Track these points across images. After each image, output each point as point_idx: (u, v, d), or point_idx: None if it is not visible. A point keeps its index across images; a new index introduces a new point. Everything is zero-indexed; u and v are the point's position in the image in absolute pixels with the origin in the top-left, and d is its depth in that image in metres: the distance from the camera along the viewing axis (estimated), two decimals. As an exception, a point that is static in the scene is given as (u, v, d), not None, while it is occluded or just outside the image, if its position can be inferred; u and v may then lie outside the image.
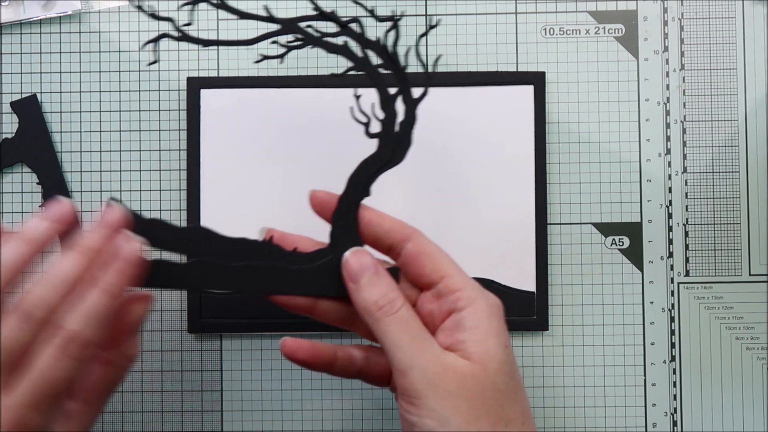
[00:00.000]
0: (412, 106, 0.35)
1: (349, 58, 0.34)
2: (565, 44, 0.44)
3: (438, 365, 0.31)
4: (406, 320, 0.32)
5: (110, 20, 0.44)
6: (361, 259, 0.34)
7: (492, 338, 0.31)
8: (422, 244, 0.34)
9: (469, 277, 0.33)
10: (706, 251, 0.44)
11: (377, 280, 0.33)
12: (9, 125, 0.44)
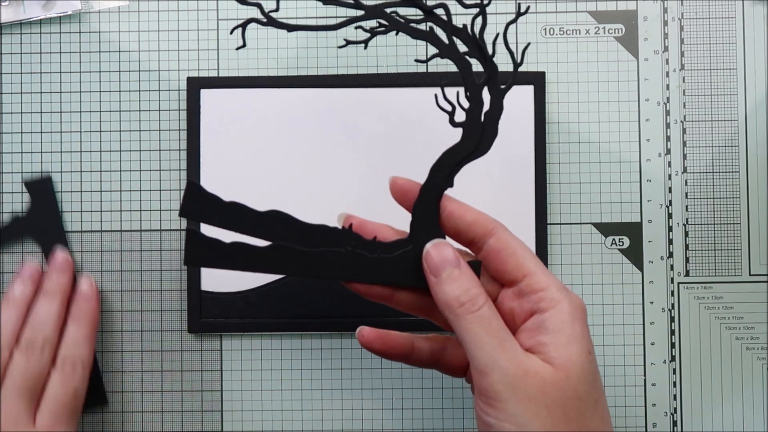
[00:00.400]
0: (499, 96, 0.34)
1: (435, 44, 0.34)
2: (565, 44, 0.44)
3: (519, 368, 0.30)
4: (488, 319, 0.31)
5: (110, 20, 0.44)
6: (442, 251, 0.33)
7: (575, 344, 0.30)
8: (505, 240, 0.33)
9: (553, 276, 0.32)
10: (706, 251, 0.44)
11: (459, 275, 0.32)
12: (9, 125, 0.44)
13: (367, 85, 0.43)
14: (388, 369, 0.44)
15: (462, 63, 0.34)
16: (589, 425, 0.30)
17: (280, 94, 0.43)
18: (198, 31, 0.44)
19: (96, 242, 0.44)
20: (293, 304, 0.43)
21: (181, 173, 0.44)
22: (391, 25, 0.33)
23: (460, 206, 0.34)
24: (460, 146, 0.34)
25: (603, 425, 0.30)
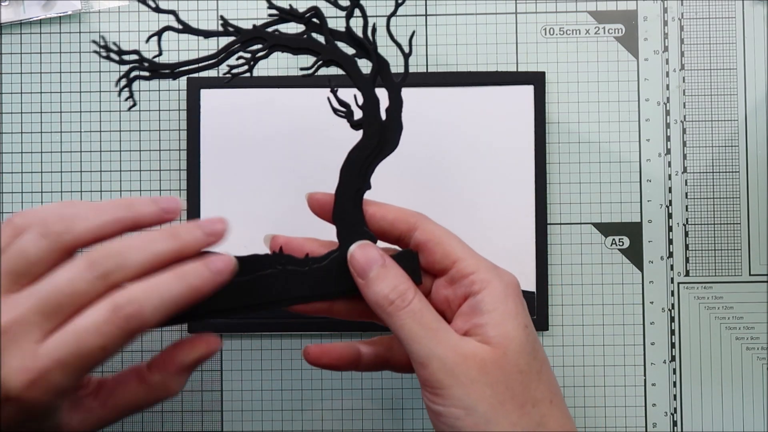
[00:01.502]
0: (396, 90, 0.33)
1: (316, 51, 0.33)
2: (565, 44, 0.44)
3: (457, 354, 0.30)
4: (419, 312, 0.31)
5: (110, 20, 0.44)
6: (366, 252, 0.33)
7: (510, 320, 0.31)
8: (430, 231, 0.33)
9: (482, 257, 0.33)
10: (706, 251, 0.44)
11: (385, 273, 0.32)
12: (9, 125, 0.44)
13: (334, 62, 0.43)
14: (388, 369, 0.44)
15: (346, 62, 0.33)
16: (536, 396, 0.31)
17: (280, 94, 0.43)
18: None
19: (96, 242, 0.44)
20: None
21: (181, 173, 0.44)
22: (269, 44, 0.32)
23: (380, 207, 0.34)
24: (362, 145, 0.34)
25: (549, 393, 0.31)
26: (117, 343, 0.28)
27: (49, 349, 0.27)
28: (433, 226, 0.33)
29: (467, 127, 0.43)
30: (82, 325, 0.28)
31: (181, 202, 0.32)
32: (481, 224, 0.43)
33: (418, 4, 0.44)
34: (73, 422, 0.30)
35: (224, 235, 0.31)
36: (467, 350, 0.31)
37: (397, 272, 0.32)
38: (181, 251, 0.30)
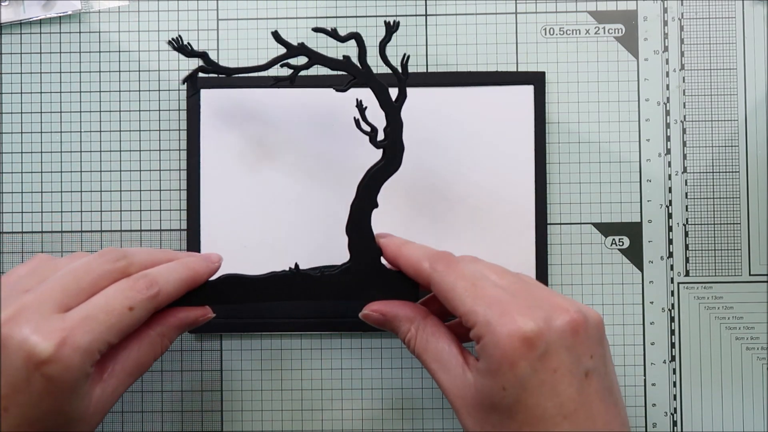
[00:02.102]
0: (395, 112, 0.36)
1: (351, 71, 0.36)
2: (565, 44, 0.44)
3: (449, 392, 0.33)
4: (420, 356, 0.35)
5: (110, 20, 0.44)
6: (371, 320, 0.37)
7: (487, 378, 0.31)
8: (437, 285, 0.34)
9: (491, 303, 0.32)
10: (706, 251, 0.44)
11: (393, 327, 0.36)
12: (9, 125, 0.44)
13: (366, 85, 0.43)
14: (388, 369, 0.44)
15: (378, 88, 0.36)
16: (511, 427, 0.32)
17: (280, 94, 0.43)
18: (198, 31, 0.44)
19: (96, 242, 0.44)
20: (293, 304, 0.43)
21: (181, 173, 0.44)
22: (312, 60, 0.36)
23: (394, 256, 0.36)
24: (383, 167, 0.37)
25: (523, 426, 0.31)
26: (142, 306, 0.32)
27: (77, 312, 0.31)
28: (441, 278, 0.34)
29: (467, 127, 0.43)
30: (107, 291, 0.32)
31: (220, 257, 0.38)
32: (481, 224, 0.43)
33: (418, 4, 0.44)
34: (94, 399, 0.32)
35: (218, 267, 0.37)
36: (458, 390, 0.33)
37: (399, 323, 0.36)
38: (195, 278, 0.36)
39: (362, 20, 0.44)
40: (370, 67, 0.36)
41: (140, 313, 0.32)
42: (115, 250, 0.34)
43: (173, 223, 0.44)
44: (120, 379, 0.33)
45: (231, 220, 0.43)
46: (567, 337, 0.31)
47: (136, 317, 0.32)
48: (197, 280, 0.36)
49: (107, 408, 0.33)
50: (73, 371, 0.30)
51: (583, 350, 0.32)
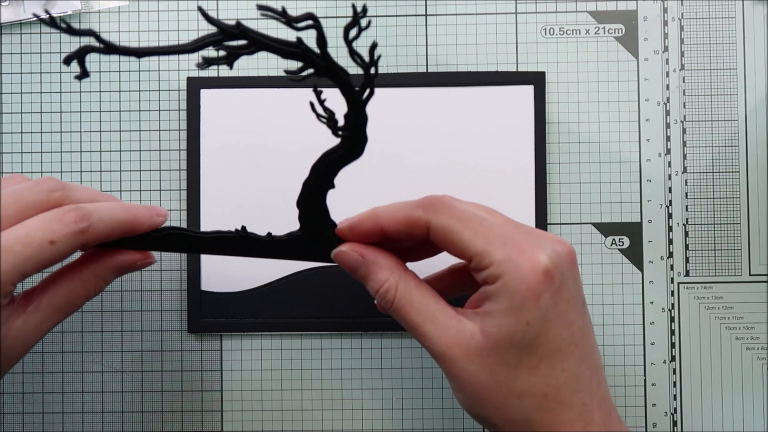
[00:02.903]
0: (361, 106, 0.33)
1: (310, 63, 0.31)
2: (565, 44, 0.44)
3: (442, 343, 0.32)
4: (401, 309, 0.33)
5: (110, 20, 0.44)
6: (345, 258, 0.34)
7: (509, 315, 0.31)
8: (440, 228, 0.32)
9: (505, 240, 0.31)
10: (706, 251, 0.44)
11: (368, 272, 0.34)
12: (9, 125, 0.44)
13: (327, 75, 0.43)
14: (388, 369, 0.44)
15: (340, 79, 0.32)
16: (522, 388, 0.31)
17: (280, 94, 0.43)
18: (198, 32, 0.44)
19: (96, 242, 0.44)
20: (293, 304, 0.43)
21: (181, 173, 0.44)
22: (253, 45, 0.30)
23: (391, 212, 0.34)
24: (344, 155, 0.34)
25: (546, 387, 0.31)
26: (66, 241, 0.30)
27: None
28: (443, 221, 0.32)
29: (467, 127, 0.43)
30: (30, 221, 0.30)
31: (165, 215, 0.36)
32: (481, 224, 0.43)
33: (418, 4, 0.44)
34: (12, 330, 0.32)
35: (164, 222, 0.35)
36: (453, 338, 0.32)
37: (378, 269, 0.34)
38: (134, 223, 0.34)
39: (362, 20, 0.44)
40: (328, 53, 0.31)
41: (62, 248, 0.30)
42: (53, 180, 0.32)
43: (173, 223, 0.44)
44: (46, 313, 0.32)
45: (231, 220, 0.43)
46: (571, 269, 0.32)
47: (57, 251, 0.30)
48: (136, 227, 0.34)
49: (29, 343, 0.32)
50: None
51: (579, 280, 0.33)
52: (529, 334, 0.31)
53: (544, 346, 0.31)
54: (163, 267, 0.44)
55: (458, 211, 0.32)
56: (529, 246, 0.31)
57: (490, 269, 0.31)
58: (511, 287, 0.31)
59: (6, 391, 0.44)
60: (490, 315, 0.31)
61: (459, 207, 0.33)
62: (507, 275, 0.31)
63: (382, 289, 0.33)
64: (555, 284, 0.31)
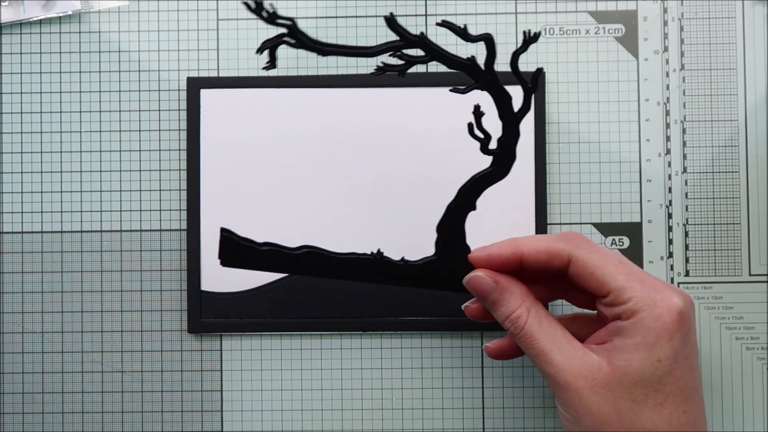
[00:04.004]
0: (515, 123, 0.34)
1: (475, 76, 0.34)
2: (565, 44, 0.44)
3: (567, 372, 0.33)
4: (530, 336, 0.34)
5: (110, 20, 0.44)
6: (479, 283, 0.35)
7: (642, 351, 0.32)
8: (582, 263, 0.34)
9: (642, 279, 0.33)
10: (706, 251, 0.44)
11: (498, 298, 0.35)
12: (9, 125, 0.44)
13: (367, 85, 0.43)
14: (388, 369, 0.44)
15: (501, 96, 0.34)
16: (646, 425, 0.32)
17: (280, 94, 0.43)
18: (198, 31, 0.44)
19: (96, 242, 0.44)
20: (293, 304, 0.43)
21: (181, 173, 0.44)
22: (429, 55, 0.33)
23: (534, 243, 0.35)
24: (490, 175, 0.35)
25: (668, 426, 0.32)
26: None
27: None
28: (585, 255, 0.34)
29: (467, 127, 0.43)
30: None
31: None
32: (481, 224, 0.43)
33: (418, 4, 0.44)
34: None
35: None
36: (578, 368, 0.33)
37: (510, 296, 0.35)
38: None
39: (362, 20, 0.44)
40: (495, 73, 0.33)
41: None
42: None
43: (173, 223, 0.44)
44: None
45: (231, 220, 0.43)
46: (693, 316, 0.34)
47: None
48: None
49: None
50: None
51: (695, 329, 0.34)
52: (659, 371, 0.32)
53: (671, 386, 0.32)
54: (163, 267, 0.44)
55: (599, 248, 0.34)
56: (665, 288, 0.33)
57: (628, 305, 0.33)
58: (647, 323, 0.32)
59: (6, 391, 0.44)
60: (621, 349, 0.32)
61: (598, 245, 0.35)
62: (644, 312, 0.32)
63: (513, 315, 0.34)
64: (685, 327, 0.33)
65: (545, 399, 0.43)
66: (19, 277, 0.44)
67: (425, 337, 0.44)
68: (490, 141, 0.35)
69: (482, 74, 0.33)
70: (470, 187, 0.36)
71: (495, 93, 0.34)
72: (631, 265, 0.34)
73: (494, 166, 0.35)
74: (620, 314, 0.33)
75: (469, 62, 0.33)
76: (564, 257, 0.34)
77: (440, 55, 0.33)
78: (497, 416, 0.43)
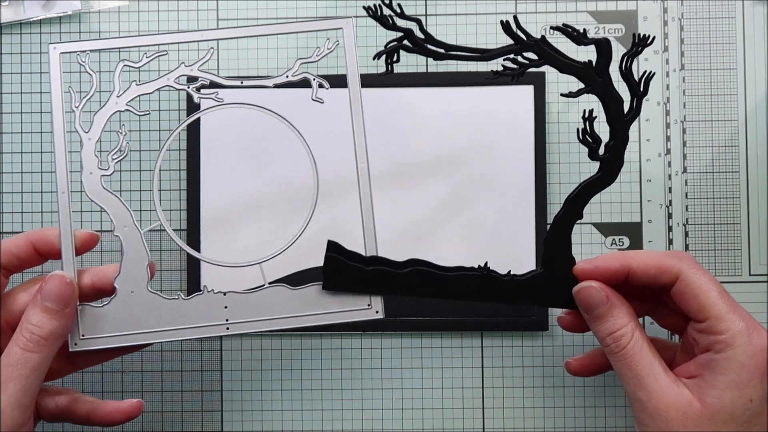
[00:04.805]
0: (624, 127, 0.34)
1: (586, 80, 0.34)
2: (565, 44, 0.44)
3: (659, 401, 0.32)
4: (630, 357, 0.33)
5: (110, 20, 0.44)
6: (590, 294, 0.35)
7: (734, 389, 0.32)
8: (688, 283, 0.34)
9: (740, 314, 0.33)
10: (706, 251, 0.44)
11: (606, 313, 0.34)
12: (9, 125, 0.44)
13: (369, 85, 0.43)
14: (388, 369, 0.44)
15: (612, 101, 0.34)
16: None
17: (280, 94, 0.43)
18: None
19: (96, 242, 0.44)
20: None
21: (181, 173, 0.44)
22: (545, 59, 0.33)
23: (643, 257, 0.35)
24: (599, 181, 0.35)
25: None
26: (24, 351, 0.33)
27: None
28: (694, 276, 0.34)
29: (467, 127, 0.43)
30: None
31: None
32: (481, 224, 0.43)
33: (418, 4, 0.44)
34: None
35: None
36: (671, 399, 0.32)
37: (619, 313, 0.34)
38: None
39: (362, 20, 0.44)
40: (610, 77, 0.33)
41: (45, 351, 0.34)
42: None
43: (173, 223, 0.44)
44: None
45: (231, 220, 0.43)
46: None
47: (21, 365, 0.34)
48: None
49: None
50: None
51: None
52: (749, 410, 0.32)
53: (759, 426, 0.32)
54: (163, 267, 0.44)
55: (707, 273, 0.34)
56: (760, 327, 0.33)
57: (724, 335, 0.32)
58: (741, 360, 0.32)
59: (6, 391, 0.44)
60: (713, 386, 0.32)
61: (705, 270, 0.34)
62: (739, 348, 0.32)
63: (618, 333, 0.34)
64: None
65: (545, 399, 0.44)
66: (19, 278, 0.44)
67: (425, 337, 0.44)
68: (599, 146, 0.35)
69: (594, 79, 0.33)
70: (577, 195, 0.35)
71: (607, 97, 0.34)
72: (732, 298, 0.34)
73: (602, 172, 0.35)
74: (714, 344, 0.32)
75: (583, 66, 0.33)
76: (673, 274, 0.34)
77: (555, 59, 0.33)
78: (497, 416, 0.43)
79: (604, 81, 0.33)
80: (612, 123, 0.34)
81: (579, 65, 0.33)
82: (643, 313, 0.38)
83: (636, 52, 0.33)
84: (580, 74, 0.34)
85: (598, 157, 0.35)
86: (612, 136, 0.34)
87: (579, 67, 0.33)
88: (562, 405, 0.43)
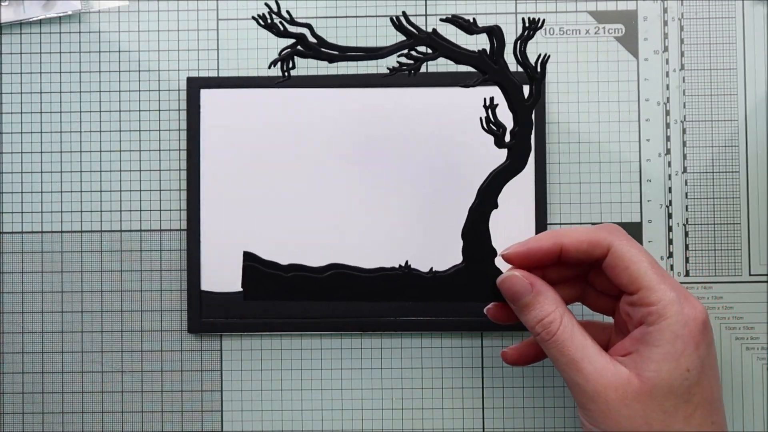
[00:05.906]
0: (527, 112, 0.34)
1: (483, 68, 0.34)
2: (565, 44, 0.44)
3: (597, 383, 0.32)
4: (562, 343, 0.33)
5: (110, 20, 0.44)
6: (514, 283, 0.35)
7: (670, 361, 0.32)
8: (619, 255, 0.33)
9: (671, 285, 0.33)
10: (706, 251, 0.44)
11: (532, 301, 0.34)
12: (9, 125, 0.44)
13: (368, 85, 0.43)
14: (388, 369, 0.44)
15: (511, 87, 0.34)
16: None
17: (280, 94, 0.43)
18: (198, 31, 0.44)
19: (96, 242, 0.44)
20: (293, 304, 0.43)
21: (181, 173, 0.44)
22: (440, 51, 0.33)
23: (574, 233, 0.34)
24: (508, 168, 0.35)
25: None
26: None
27: None
28: (625, 248, 0.33)
29: (467, 127, 0.43)
30: None
31: None
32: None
33: (418, 4, 0.44)
34: None
35: None
36: (609, 379, 0.32)
37: (545, 300, 0.34)
38: None
39: (362, 20, 0.44)
40: (507, 64, 0.34)
41: None
42: None
43: (173, 223, 0.44)
44: None
45: (231, 220, 0.43)
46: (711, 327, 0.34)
47: None
48: None
49: None
50: None
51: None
52: (688, 380, 0.32)
53: (699, 396, 0.32)
54: (163, 267, 0.44)
55: (637, 244, 0.34)
56: (691, 297, 0.33)
57: (656, 306, 0.32)
58: (674, 330, 0.32)
59: (6, 391, 0.44)
60: (648, 359, 0.32)
61: (636, 242, 0.34)
62: (672, 318, 0.32)
63: (546, 320, 0.34)
64: (710, 337, 0.33)
65: (545, 399, 0.43)
66: (19, 277, 0.44)
67: (425, 337, 0.44)
68: (504, 134, 0.35)
69: (491, 66, 0.33)
70: (489, 184, 0.35)
71: (505, 84, 0.34)
72: (663, 269, 0.34)
73: (511, 159, 0.35)
74: (646, 316, 0.32)
75: (477, 54, 0.33)
76: (604, 247, 0.34)
77: (449, 50, 0.33)
78: (497, 416, 0.43)
79: (501, 68, 0.34)
80: (514, 109, 0.34)
81: (473, 54, 0.33)
82: (572, 299, 0.37)
83: (528, 36, 0.34)
84: (475, 63, 0.33)
85: (504, 144, 0.35)
86: (516, 122, 0.34)
87: (473, 56, 0.33)
88: (562, 405, 0.43)
